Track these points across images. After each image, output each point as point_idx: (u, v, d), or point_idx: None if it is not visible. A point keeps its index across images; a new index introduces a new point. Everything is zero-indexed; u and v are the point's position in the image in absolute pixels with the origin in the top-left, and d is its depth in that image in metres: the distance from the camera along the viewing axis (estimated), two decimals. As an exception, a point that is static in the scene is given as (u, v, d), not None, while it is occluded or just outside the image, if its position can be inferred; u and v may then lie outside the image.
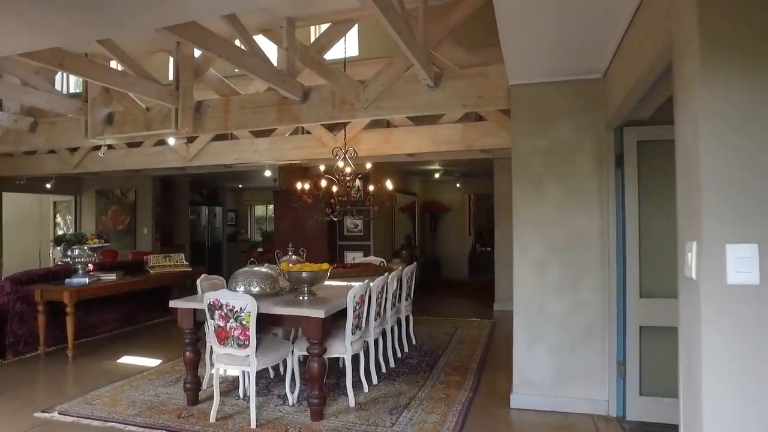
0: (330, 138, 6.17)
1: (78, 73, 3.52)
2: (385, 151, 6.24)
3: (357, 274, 5.30)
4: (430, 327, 6.48)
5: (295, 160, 7.29)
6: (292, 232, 8.44)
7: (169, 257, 6.55)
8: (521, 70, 3.45)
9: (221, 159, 6.93)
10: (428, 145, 6.04)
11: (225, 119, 4.63)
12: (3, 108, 5.53)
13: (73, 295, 5.06)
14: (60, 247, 5.17)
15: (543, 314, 3.56)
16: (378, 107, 4.12)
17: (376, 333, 4.32)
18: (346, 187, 5.01)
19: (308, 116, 4.35)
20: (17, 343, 5.31)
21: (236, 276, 3.81)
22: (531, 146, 3.62)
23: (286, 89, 4.05)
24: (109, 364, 5.00)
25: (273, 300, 3.68)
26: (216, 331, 3.42)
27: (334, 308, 3.49)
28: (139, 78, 4.03)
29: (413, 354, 5.18)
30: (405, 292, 5.24)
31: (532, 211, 3.62)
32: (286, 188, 8.36)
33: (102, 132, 4.97)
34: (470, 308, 8.05)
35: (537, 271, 3.59)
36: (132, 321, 6.56)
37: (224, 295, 3.33)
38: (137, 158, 7.36)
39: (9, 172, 8.60)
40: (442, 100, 3.97)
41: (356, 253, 8.54)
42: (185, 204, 11.23)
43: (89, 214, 10.58)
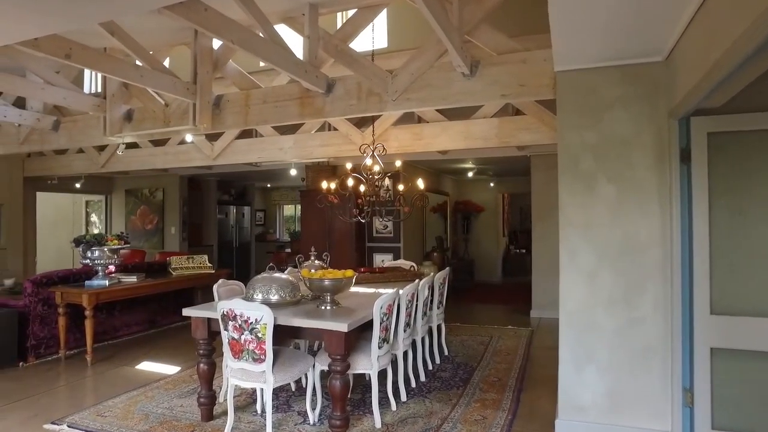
0: (358, 135, 5.86)
1: (86, 64, 3.30)
2: (416, 148, 5.88)
3: (385, 280, 4.98)
4: (463, 335, 6.09)
5: (321, 158, 7.01)
6: (319, 233, 8.18)
7: (192, 259, 6.37)
8: (570, 54, 3.04)
9: (245, 157, 6.71)
10: (461, 141, 5.65)
11: (245, 114, 4.37)
12: (26, 107, 5.45)
13: (92, 298, 4.91)
14: (79, 248, 5.01)
15: (593, 330, 3.14)
16: (408, 99, 3.78)
17: (406, 345, 3.98)
18: (375, 187, 4.68)
19: (332, 110, 4.04)
20: (38, 346, 5.20)
21: (254, 283, 3.53)
22: (579, 141, 3.21)
23: (309, 81, 3.75)
24: (127, 370, 4.82)
25: (292, 310, 3.38)
26: (230, 343, 3.14)
27: (358, 320, 3.16)
28: (153, 71, 3.80)
29: (445, 366, 4.81)
30: (437, 299, 4.88)
31: (581, 214, 3.21)
32: (313, 188, 8.10)
33: (121, 129, 4.78)
34: (505, 315, 7.61)
35: (586, 281, 3.18)
36: (154, 324, 6.41)
37: (238, 305, 3.05)
38: (162, 157, 7.23)
39: (41, 172, 8.65)
40: (479, 90, 3.59)
41: (385, 255, 8.21)
42: (213, 203, 11.14)
43: (119, 213, 10.60)
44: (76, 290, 4.99)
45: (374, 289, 4.47)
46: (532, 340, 5.84)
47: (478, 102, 3.74)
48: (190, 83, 4.12)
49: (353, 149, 5.81)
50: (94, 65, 3.37)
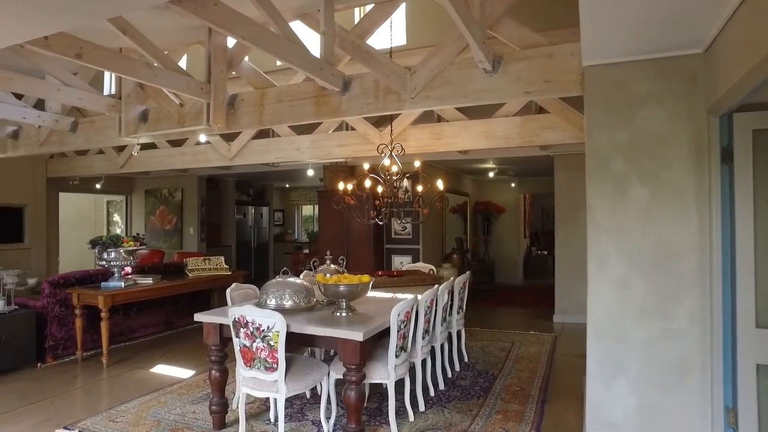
0: (376, 134, 5.73)
1: (98, 64, 3.23)
2: (435, 148, 5.72)
3: (404, 284, 4.83)
4: (483, 341, 5.90)
5: (339, 158, 6.90)
6: (336, 234, 8.07)
7: (208, 260, 6.32)
8: (599, 47, 2.85)
9: (262, 157, 6.63)
10: (482, 141, 5.47)
11: (260, 114, 4.26)
12: (45, 108, 5.45)
13: (107, 300, 4.87)
14: (95, 249, 4.99)
15: (624, 342, 2.94)
16: (427, 97, 3.62)
17: (424, 353, 3.83)
18: (393, 188, 4.54)
19: (349, 108, 3.90)
20: (56, 347, 5.20)
21: (267, 288, 3.42)
22: (609, 140, 3.01)
23: (324, 78, 3.62)
24: (141, 373, 4.77)
25: (306, 316, 3.26)
26: (242, 351, 3.03)
27: (375, 329, 3.03)
28: (167, 70, 3.71)
29: (465, 374, 4.64)
30: (457, 304, 4.71)
31: (611, 218, 3.01)
32: (331, 188, 8.00)
33: (136, 130, 4.73)
34: (527, 319, 7.38)
35: (616, 289, 2.98)
36: (171, 325, 6.37)
37: (250, 312, 2.94)
38: (180, 158, 7.21)
39: (63, 173, 8.74)
40: (502, 87, 3.42)
41: (404, 257, 8.07)
42: (231, 204, 11.13)
43: (139, 213, 10.67)
44: (92, 292, 4.96)
45: (392, 294, 4.33)
46: (556, 347, 5.63)
47: (501, 99, 3.57)
48: (204, 82, 4.03)
49: (371, 149, 5.68)
50: (106, 65, 3.30)
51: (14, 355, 4.84)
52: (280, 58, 3.21)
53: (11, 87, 3.97)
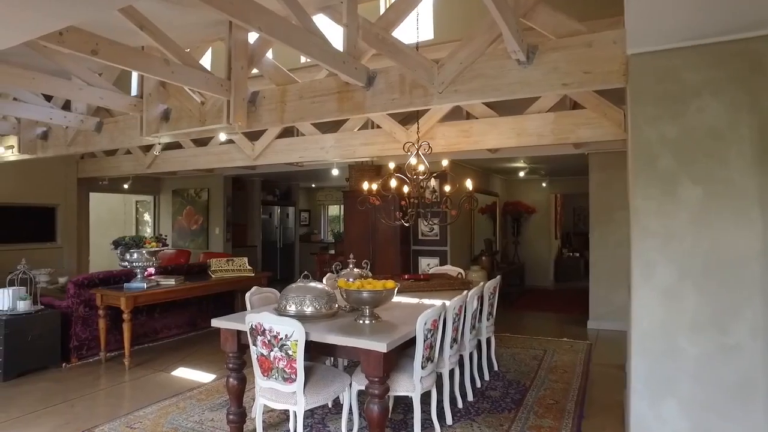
0: (402, 132, 5.53)
1: (114, 60, 3.13)
2: (464, 146, 5.49)
3: (431, 289, 4.62)
4: (514, 347, 5.64)
5: (364, 157, 6.72)
6: (362, 235, 7.91)
7: (231, 261, 6.24)
8: (647, 32, 2.60)
9: (286, 157, 6.51)
10: (513, 138, 5.21)
11: (281, 111, 4.12)
12: (71, 109, 5.45)
13: (129, 301, 4.82)
14: (117, 250, 4.94)
15: (673, 358, 2.67)
16: (456, 91, 3.40)
17: (452, 363, 3.61)
18: (420, 188, 4.33)
19: (373, 104, 3.71)
20: (81, 347, 5.19)
21: (287, 293, 3.26)
22: (658, 135, 2.74)
23: (347, 73, 3.44)
24: (163, 376, 4.70)
25: (327, 324, 3.09)
26: (259, 360, 2.88)
27: (399, 339, 2.83)
28: (185, 67, 3.60)
29: (495, 384, 4.40)
30: (486, 309, 4.48)
31: (659, 221, 2.74)
32: (356, 188, 7.84)
33: (158, 129, 4.65)
34: (560, 325, 7.07)
35: (665, 299, 2.71)
36: (195, 326, 6.32)
37: (267, 319, 2.78)
38: (204, 158, 7.16)
39: (93, 173, 8.83)
40: (537, 79, 3.17)
41: (431, 259, 7.84)
42: (257, 204, 11.10)
43: (166, 213, 10.73)
44: (114, 293, 4.92)
45: (418, 300, 4.12)
46: (591, 356, 5.32)
47: (535, 93, 3.32)
48: (224, 79, 3.90)
49: (397, 148, 5.49)
50: (123, 61, 3.20)
51: (40, 355, 4.84)
52: (300, 50, 3.05)
53: (33, 86, 3.93)
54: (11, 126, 6.22)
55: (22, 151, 6.12)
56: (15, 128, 6.17)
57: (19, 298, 4.85)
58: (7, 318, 4.67)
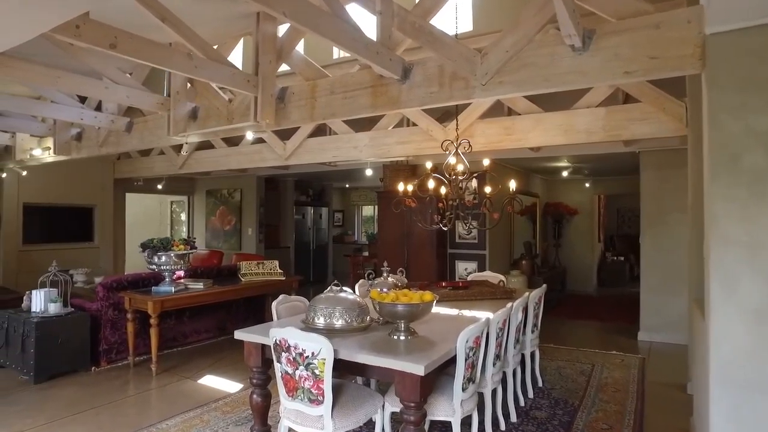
0: (440, 130, 5.22)
1: (133, 54, 2.95)
2: (506, 144, 5.13)
3: (470, 297, 4.30)
4: (558, 360, 5.24)
5: (400, 156, 6.43)
6: (396, 237, 7.63)
7: (262, 264, 6.06)
8: (730, 7, 2.21)
9: (318, 156, 6.29)
10: (560, 136, 4.82)
11: (311, 108, 3.88)
12: (102, 109, 5.38)
13: (156, 306, 4.68)
14: (145, 253, 4.82)
15: (764, 391, 2.27)
16: (501, 83, 3.07)
17: (495, 382, 3.29)
18: (459, 189, 4.02)
19: (409, 99, 3.42)
20: (110, 351, 5.10)
21: (316, 304, 3.01)
22: (743, 128, 2.35)
23: (381, 64, 3.17)
24: (189, 384, 4.54)
25: (358, 339, 2.81)
26: (283, 378, 2.64)
27: (439, 359, 2.53)
28: (209, 61, 3.40)
29: (541, 402, 4.04)
30: (531, 321, 4.13)
31: (743, 228, 2.34)
32: (391, 189, 7.57)
33: (185, 128, 4.49)
34: (606, 335, 6.60)
35: (752, 321, 2.31)
36: (224, 330, 6.16)
37: (292, 335, 2.53)
38: (236, 158, 7.04)
39: (128, 174, 8.89)
40: (595, 68, 2.81)
41: (469, 263, 7.49)
42: (290, 204, 10.98)
43: (200, 214, 10.74)
44: (142, 296, 4.79)
45: (458, 311, 3.81)
46: (645, 373, 4.87)
47: (592, 83, 2.95)
48: (251, 75, 3.69)
49: (434, 146, 5.19)
50: (143, 55, 3.02)
51: (70, 358, 4.77)
52: (328, 38, 2.79)
53: (58, 85, 3.82)
54: (48, 127, 6.23)
55: (58, 152, 6.12)
56: (51, 130, 6.18)
57: (50, 301, 4.79)
58: (38, 320, 4.61)
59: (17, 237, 8.01)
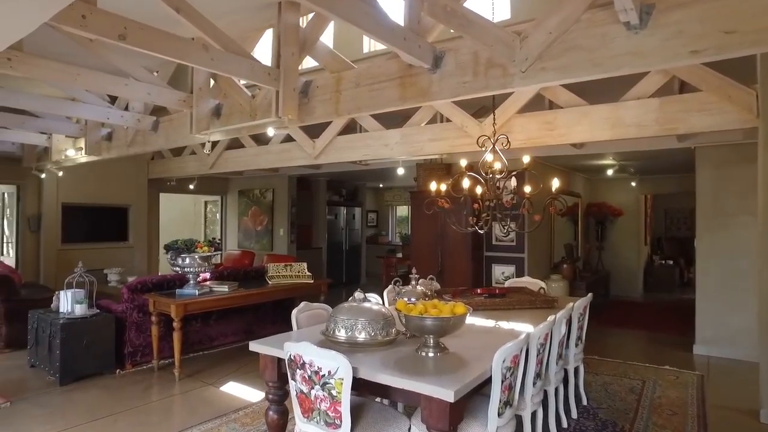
0: (475, 126, 4.89)
1: (144, 46, 2.78)
2: (547, 140, 4.76)
3: (508, 306, 3.96)
4: (604, 374, 4.82)
5: (433, 154, 6.13)
6: (430, 239, 7.31)
7: (290, 266, 5.87)
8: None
9: (348, 155, 6.06)
10: (607, 130, 4.42)
11: (336, 102, 3.64)
12: (128, 108, 5.31)
13: (179, 309, 4.55)
14: (168, 255, 4.69)
15: None
16: (543, 69, 2.74)
17: (535, 403, 2.95)
18: (496, 188, 3.69)
19: (441, 89, 3.13)
20: (135, 354, 5.01)
21: (337, 314, 2.76)
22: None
23: (409, 51, 2.89)
24: (211, 392, 4.37)
25: (381, 356, 2.54)
26: (299, 397, 2.39)
27: (471, 382, 2.23)
28: (226, 53, 3.20)
29: (586, 424, 3.67)
30: (575, 334, 3.76)
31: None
32: (424, 188, 7.27)
33: (208, 126, 4.34)
34: (657, 347, 6.10)
35: None
36: (251, 334, 6.00)
37: (307, 350, 2.28)
38: (265, 157, 6.89)
39: (161, 174, 8.91)
40: (654, 48, 2.44)
41: (506, 267, 7.11)
42: (322, 204, 10.81)
43: (233, 214, 10.71)
44: (165, 299, 4.67)
45: (494, 322, 3.48)
46: (706, 393, 4.39)
47: (651, 65, 2.58)
48: (273, 68, 3.48)
49: (469, 143, 4.87)
50: (155, 47, 2.84)
51: (94, 361, 4.71)
52: (349, 21, 2.53)
53: (78, 83, 3.71)
54: (80, 128, 6.25)
55: (88, 152, 6.12)
56: (82, 130, 6.19)
57: (76, 302, 4.73)
58: (64, 322, 4.56)
59: (56, 236, 8.14)
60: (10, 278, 5.88)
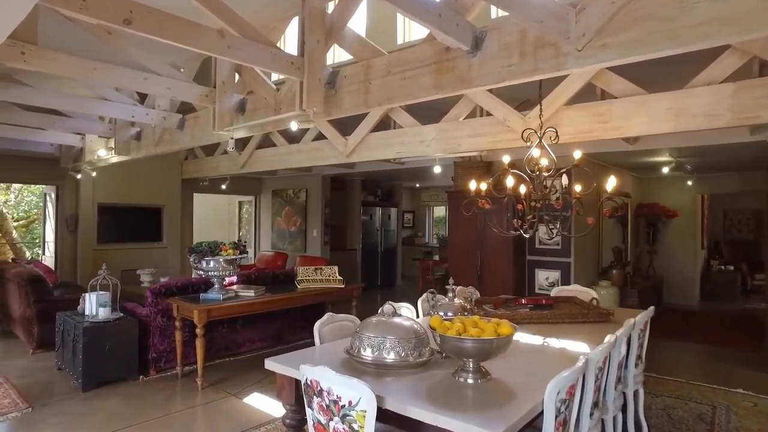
0: (518, 120, 4.45)
1: (151, 31, 2.53)
2: (599, 134, 4.26)
3: (557, 320, 3.53)
4: (665, 397, 4.31)
5: (471, 151, 5.71)
6: (468, 241, 6.90)
7: (320, 270, 5.59)
8: None
9: (382, 153, 5.71)
10: (670, 122, 3.89)
11: (365, 92, 3.31)
12: (155, 106, 5.16)
13: (202, 315, 4.33)
14: (191, 257, 4.48)
15: None
16: (604, 46, 2.33)
17: (592, 438, 2.53)
18: (543, 187, 3.28)
19: (482, 75, 2.75)
20: (159, 359, 4.84)
21: (363, 330, 2.42)
22: None
23: (445, 30, 2.53)
24: (233, 403, 4.13)
25: (411, 383, 2.19)
26: (316, 428, 2.07)
27: (519, 421, 1.84)
28: (244, 40, 2.92)
29: (649, 457, 3.20)
30: (635, 353, 3.30)
31: None
32: (462, 188, 6.86)
33: (232, 122, 4.10)
34: (723, 365, 5.48)
35: None
36: (280, 340, 5.77)
37: (325, 377, 1.95)
38: (296, 156, 6.63)
39: (194, 174, 8.84)
40: (752, 11, 2.00)
41: (551, 272, 6.62)
42: (357, 204, 10.53)
43: (266, 214, 10.58)
44: (188, 304, 4.46)
45: (542, 339, 3.06)
46: (788, 421, 3.83)
47: (746, 33, 2.11)
48: (296, 56, 3.19)
49: (512, 139, 4.45)
50: (165, 33, 2.59)
51: (117, 366, 4.55)
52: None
53: (94, 77, 3.52)
54: (110, 128, 6.17)
55: (117, 152, 6.03)
56: (111, 130, 6.11)
57: (100, 305, 4.59)
58: (87, 325, 4.43)
59: (92, 236, 8.17)
60: (42, 279, 5.83)
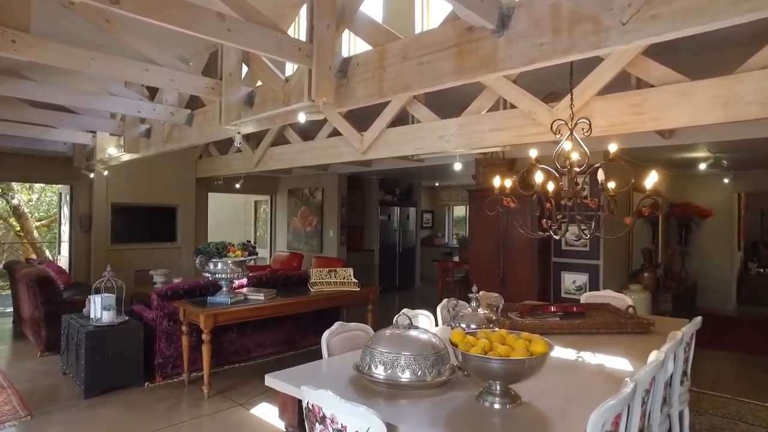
0: (545, 112, 4.11)
1: (142, 12, 2.29)
2: (634, 126, 3.89)
3: (591, 329, 3.20)
4: (710, 415, 3.92)
5: (494, 146, 5.36)
6: (490, 242, 6.56)
7: (334, 272, 5.33)
8: None
9: (399, 149, 5.41)
10: (717, 111, 3.51)
11: (379, 80, 3.03)
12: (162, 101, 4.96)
13: (208, 320, 4.10)
14: (197, 259, 4.26)
15: None
16: (653, 17, 2.01)
17: (637, 469, 2.20)
18: (575, 184, 2.95)
19: (509, 56, 2.45)
20: (165, 365, 4.63)
21: (375, 344, 2.14)
22: None
23: (469, 6, 2.23)
24: (239, 414, 3.89)
25: (428, 407, 1.90)
26: (318, 459, 1.80)
27: (556, 460, 1.55)
28: (247, 23, 2.67)
29: (697, 486, 2.85)
30: (680, 369, 2.95)
31: None
32: (484, 186, 6.53)
33: (239, 116, 3.86)
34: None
35: None
36: (292, 345, 5.53)
37: (327, 402, 1.68)
38: (311, 153, 6.39)
39: (208, 173, 8.67)
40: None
41: (578, 275, 6.24)
42: (375, 204, 10.26)
43: (282, 214, 10.38)
44: (194, 308, 4.24)
45: (576, 353, 2.74)
46: None
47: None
48: (304, 42, 2.93)
49: (538, 133, 4.12)
50: (157, 15, 2.35)
51: (121, 373, 4.35)
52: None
53: (92, 68, 3.32)
54: (119, 125, 6.02)
55: (127, 149, 5.87)
56: (120, 127, 5.95)
57: (104, 308, 4.41)
58: (90, 330, 4.24)
59: (106, 236, 8.07)
60: (51, 279, 5.70)
